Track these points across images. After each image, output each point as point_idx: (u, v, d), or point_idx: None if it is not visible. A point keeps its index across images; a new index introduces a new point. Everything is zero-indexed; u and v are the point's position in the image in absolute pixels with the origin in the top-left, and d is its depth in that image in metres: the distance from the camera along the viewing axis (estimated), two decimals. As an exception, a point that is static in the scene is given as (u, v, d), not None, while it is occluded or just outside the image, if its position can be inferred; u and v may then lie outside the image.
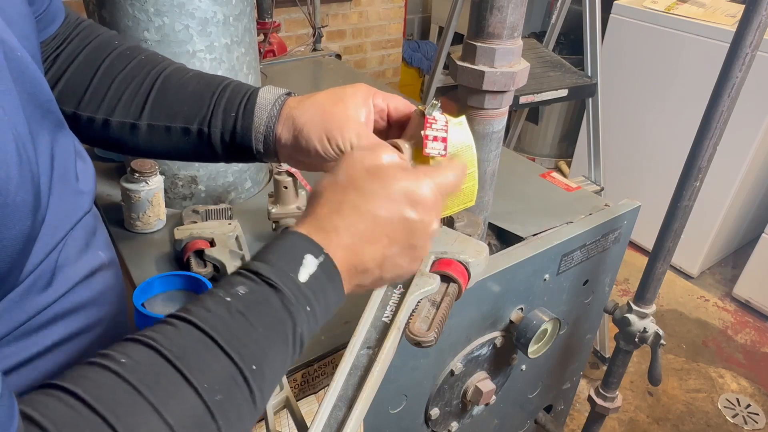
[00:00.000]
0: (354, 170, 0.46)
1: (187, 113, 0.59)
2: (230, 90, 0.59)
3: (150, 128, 0.59)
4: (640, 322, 1.08)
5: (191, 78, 0.61)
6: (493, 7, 0.70)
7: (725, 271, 2.78)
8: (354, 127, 0.55)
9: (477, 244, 0.67)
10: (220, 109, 0.58)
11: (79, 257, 0.50)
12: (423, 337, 0.58)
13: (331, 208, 0.45)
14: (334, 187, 0.46)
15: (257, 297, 0.41)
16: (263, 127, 0.57)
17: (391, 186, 0.45)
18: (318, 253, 0.43)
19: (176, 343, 0.38)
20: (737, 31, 0.79)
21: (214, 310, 0.39)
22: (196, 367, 0.37)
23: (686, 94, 2.47)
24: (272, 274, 0.41)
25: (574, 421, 1.97)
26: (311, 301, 0.43)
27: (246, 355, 0.39)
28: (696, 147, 0.89)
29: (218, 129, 0.58)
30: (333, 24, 3.44)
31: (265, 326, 0.40)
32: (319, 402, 0.69)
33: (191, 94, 0.59)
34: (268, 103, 0.58)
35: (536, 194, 1.13)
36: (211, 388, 0.37)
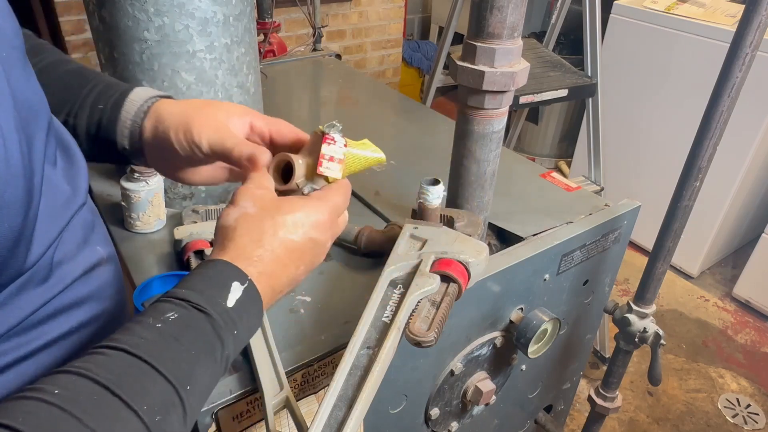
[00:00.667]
0: (261, 201, 0.51)
1: (55, 105, 0.56)
2: (104, 84, 0.58)
3: None
4: (640, 322, 1.08)
5: (69, 72, 0.60)
6: (493, 7, 0.70)
7: (725, 271, 2.78)
8: (214, 125, 0.55)
9: (477, 244, 0.67)
10: (89, 100, 0.57)
11: (77, 253, 0.50)
12: (423, 337, 0.58)
13: (250, 237, 0.48)
14: (248, 218, 0.49)
15: (188, 322, 0.43)
16: (130, 122, 0.56)
17: (296, 214, 0.51)
18: (243, 280, 0.46)
19: (110, 369, 0.38)
20: (737, 31, 0.79)
21: (146, 336, 0.41)
22: (134, 391, 0.38)
23: (686, 94, 2.47)
24: (202, 300, 0.44)
25: (574, 421, 1.98)
26: (237, 325, 0.45)
27: (181, 376, 0.40)
28: (696, 147, 0.89)
29: (84, 121, 0.57)
30: (333, 24, 3.44)
31: (197, 349, 0.42)
32: (319, 402, 0.69)
33: (64, 86, 0.58)
34: (140, 99, 0.57)
35: (536, 194, 1.13)
36: (150, 410, 0.37)
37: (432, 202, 0.76)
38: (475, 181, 0.85)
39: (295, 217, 0.51)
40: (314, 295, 0.84)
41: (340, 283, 0.87)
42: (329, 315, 0.81)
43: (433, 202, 0.76)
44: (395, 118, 1.51)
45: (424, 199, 0.76)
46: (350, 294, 0.85)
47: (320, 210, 0.52)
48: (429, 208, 0.76)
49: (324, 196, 0.54)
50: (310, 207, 0.52)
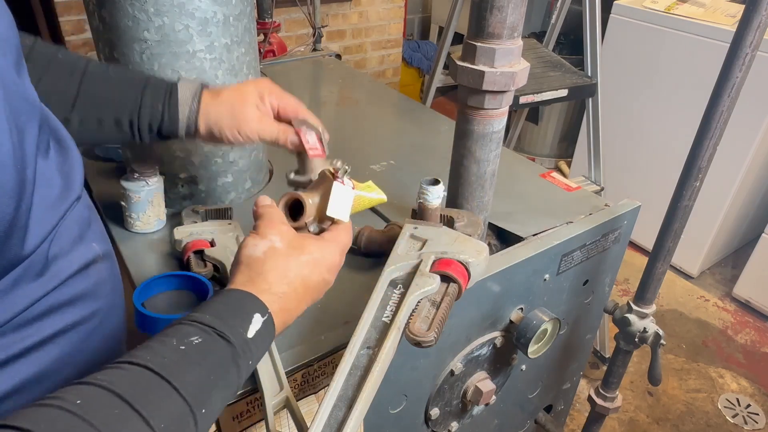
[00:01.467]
0: (287, 238, 0.56)
1: (115, 106, 0.68)
2: (152, 85, 0.70)
3: (82, 121, 0.67)
4: (640, 322, 1.08)
5: (112, 73, 0.70)
6: (493, 7, 0.70)
7: (725, 271, 2.78)
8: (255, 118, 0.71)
9: (477, 244, 0.67)
10: (147, 103, 0.69)
11: (72, 249, 0.50)
12: (423, 337, 0.58)
13: (278, 274, 0.53)
14: (276, 253, 0.54)
15: (211, 348, 0.45)
16: (185, 121, 0.70)
17: (316, 255, 0.56)
18: (264, 313, 0.50)
19: (132, 385, 0.39)
20: (737, 31, 0.79)
21: (170, 357, 0.42)
22: (153, 408, 0.39)
23: (686, 94, 2.47)
24: (225, 328, 0.46)
25: (574, 421, 1.98)
26: (253, 354, 0.48)
27: (198, 398, 0.42)
28: (696, 147, 0.89)
29: (146, 121, 0.69)
30: (333, 24, 3.44)
31: (216, 374, 0.44)
32: (319, 402, 0.69)
33: (117, 88, 0.69)
34: (188, 99, 0.70)
35: (536, 194, 1.13)
36: (167, 428, 0.39)
37: (432, 202, 0.76)
38: (475, 181, 0.85)
39: (315, 257, 0.56)
40: (314, 295, 0.84)
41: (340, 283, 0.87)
42: (329, 315, 0.81)
43: (433, 202, 0.76)
44: (395, 118, 1.51)
45: (424, 199, 0.76)
46: (350, 294, 0.85)
47: (335, 253, 0.58)
48: (429, 208, 0.76)
49: (337, 238, 0.59)
50: (328, 250, 0.57)
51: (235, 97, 0.70)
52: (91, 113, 0.67)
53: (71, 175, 0.52)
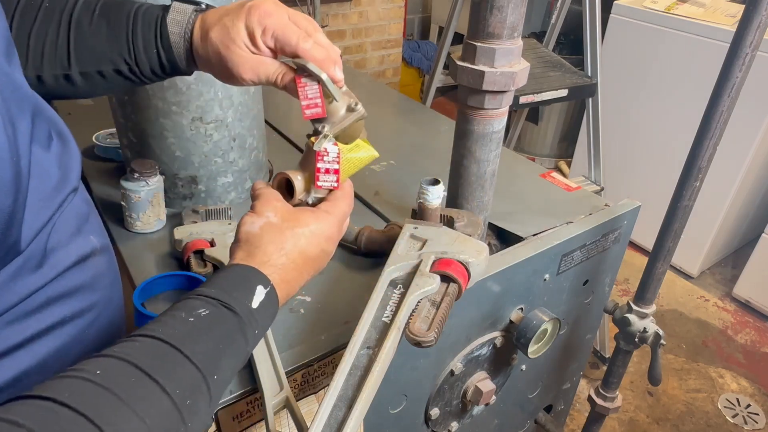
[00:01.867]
0: (282, 213, 0.57)
1: (111, 55, 0.63)
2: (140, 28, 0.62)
3: (84, 76, 0.63)
4: (640, 322, 1.08)
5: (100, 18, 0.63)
6: (493, 7, 0.70)
7: (725, 271, 2.78)
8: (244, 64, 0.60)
9: (477, 244, 0.67)
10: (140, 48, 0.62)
11: (70, 241, 0.51)
12: (423, 337, 0.58)
13: (276, 246, 0.54)
14: (273, 227, 0.55)
15: (218, 318, 0.47)
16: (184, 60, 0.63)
17: (313, 227, 0.57)
18: (266, 285, 0.51)
19: (147, 355, 0.42)
20: (737, 31, 0.79)
21: (180, 328, 0.45)
22: (169, 376, 0.41)
23: (686, 94, 2.47)
24: (231, 300, 0.48)
25: (574, 421, 1.98)
26: (259, 324, 0.50)
27: (209, 366, 0.44)
28: (696, 147, 0.89)
29: (146, 65, 0.63)
30: (333, 24, 3.44)
31: (224, 343, 0.46)
32: (319, 402, 0.69)
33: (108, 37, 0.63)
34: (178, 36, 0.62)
35: (536, 194, 1.13)
36: (182, 394, 0.41)
37: (432, 202, 0.76)
38: (475, 181, 0.85)
39: (312, 229, 0.56)
40: (314, 295, 0.84)
41: (340, 283, 0.87)
42: (329, 315, 0.81)
43: (433, 202, 0.76)
44: (395, 118, 1.51)
45: (424, 199, 0.76)
46: (350, 294, 0.85)
47: (332, 223, 0.58)
48: (429, 208, 0.76)
49: (333, 208, 0.60)
50: (324, 221, 0.58)
51: (222, 39, 0.59)
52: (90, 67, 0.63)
53: (69, 167, 0.52)
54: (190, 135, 0.94)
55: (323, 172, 0.61)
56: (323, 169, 0.61)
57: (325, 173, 0.62)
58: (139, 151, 0.97)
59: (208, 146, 0.97)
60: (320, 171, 0.61)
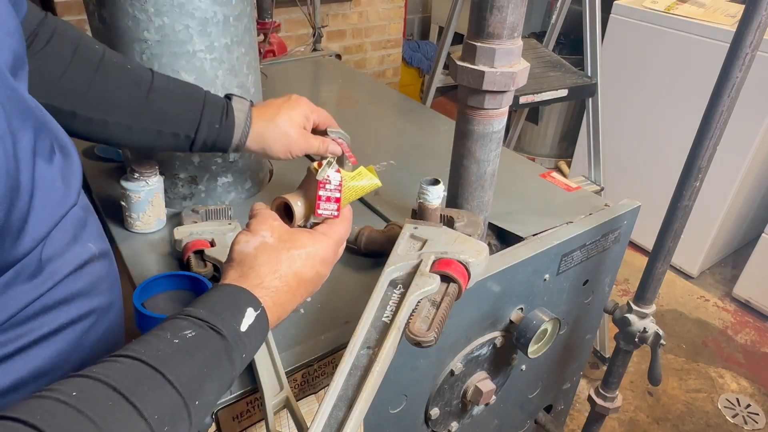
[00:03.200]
0: (278, 233, 0.57)
1: (176, 121, 0.75)
2: (210, 105, 0.77)
3: (143, 131, 0.74)
4: (640, 322, 1.08)
5: (175, 89, 0.77)
6: (493, 7, 0.70)
7: (725, 271, 2.78)
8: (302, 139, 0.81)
9: (477, 244, 0.67)
10: (205, 121, 0.76)
11: (66, 250, 0.51)
12: (423, 337, 0.58)
13: (270, 268, 0.54)
14: (268, 248, 0.56)
15: (204, 341, 0.46)
16: (238, 140, 0.79)
17: (309, 249, 0.57)
18: (257, 307, 0.51)
19: (126, 377, 0.40)
20: (737, 31, 0.79)
21: (163, 350, 0.43)
22: (147, 400, 0.39)
23: (686, 94, 2.47)
24: (218, 322, 0.47)
25: (574, 421, 1.98)
26: (246, 348, 0.49)
27: (191, 391, 0.43)
28: (696, 147, 0.89)
29: (203, 137, 0.77)
30: (333, 24, 3.44)
31: (209, 367, 0.45)
32: (319, 402, 0.69)
33: (179, 104, 0.76)
34: (242, 122, 0.79)
35: (536, 194, 1.13)
36: (161, 420, 0.39)
37: (432, 202, 0.76)
38: (475, 181, 0.85)
39: (308, 252, 0.57)
40: (314, 295, 0.84)
41: (340, 283, 0.87)
42: (329, 315, 0.81)
43: (433, 202, 0.76)
44: (395, 118, 1.51)
45: (424, 199, 0.76)
46: (350, 294, 0.85)
47: (328, 246, 0.59)
48: (429, 208, 0.76)
49: (330, 231, 0.61)
50: (320, 243, 0.59)
51: (287, 122, 0.80)
52: (153, 124, 0.74)
53: (71, 181, 0.52)
54: (190, 135, 0.94)
55: (324, 200, 0.62)
56: (324, 197, 0.62)
57: (326, 201, 0.63)
58: (139, 151, 0.97)
59: (208, 146, 0.97)
60: (321, 199, 0.63)
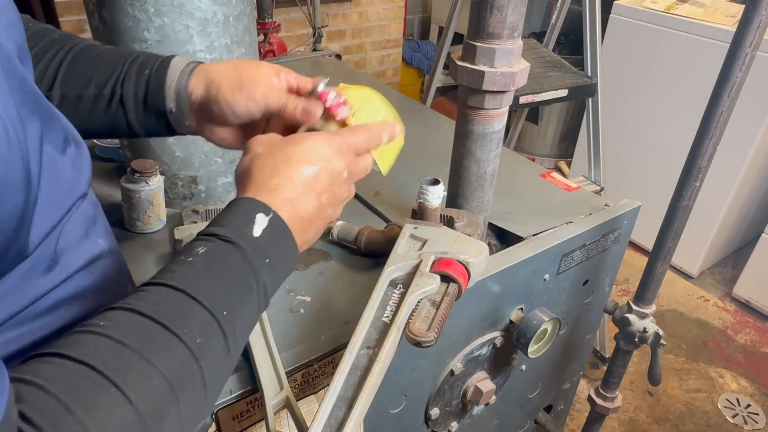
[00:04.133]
0: (270, 142, 0.53)
1: (99, 79, 0.60)
2: (143, 56, 0.61)
3: (63, 100, 0.60)
4: (640, 322, 1.08)
5: (104, 50, 0.63)
6: (493, 7, 0.70)
7: (725, 271, 2.78)
8: (265, 82, 0.59)
9: (477, 244, 0.67)
10: (133, 71, 0.60)
11: (79, 244, 0.51)
12: (423, 337, 0.58)
13: (265, 171, 0.50)
14: (259, 157, 0.52)
15: (217, 253, 0.45)
16: (176, 83, 0.59)
17: (307, 143, 0.52)
18: (267, 211, 0.48)
19: (150, 301, 0.42)
20: (737, 31, 0.79)
21: (178, 270, 0.44)
22: (173, 317, 0.41)
23: (686, 94, 2.47)
24: (228, 233, 0.46)
25: (574, 421, 1.97)
26: (268, 253, 0.47)
27: (216, 302, 0.43)
28: (696, 147, 0.89)
29: (131, 88, 0.59)
30: (333, 24, 3.44)
31: (229, 276, 0.45)
32: (319, 402, 0.69)
33: (104, 61, 0.61)
34: (182, 64, 0.61)
35: (536, 194, 1.13)
36: (191, 332, 0.41)
37: (432, 202, 0.76)
38: (475, 181, 0.85)
39: (306, 145, 0.52)
40: (314, 295, 0.84)
41: (340, 283, 0.87)
42: (329, 315, 0.81)
43: (433, 202, 0.76)
44: (395, 118, 1.51)
45: (424, 199, 0.76)
46: (350, 294, 0.85)
47: (331, 141, 0.53)
48: (429, 208, 0.76)
49: (336, 132, 0.56)
50: (320, 137, 0.53)
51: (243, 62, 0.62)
52: (71, 89, 0.60)
53: (81, 172, 0.52)
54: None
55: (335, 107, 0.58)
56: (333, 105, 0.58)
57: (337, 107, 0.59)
58: (140, 151, 0.97)
59: (208, 146, 0.97)
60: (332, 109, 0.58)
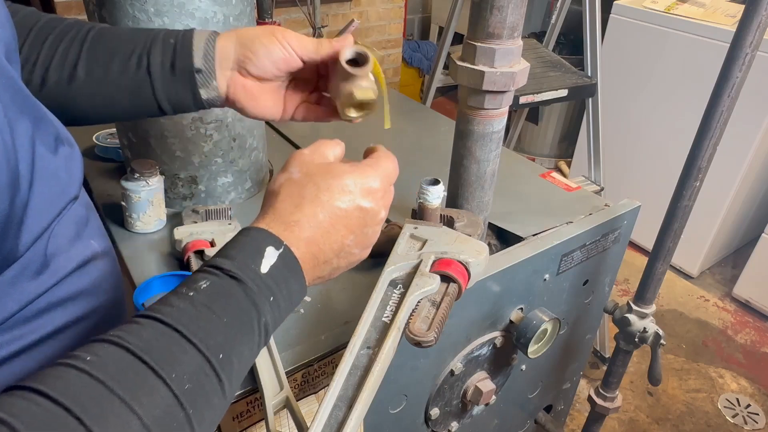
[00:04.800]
0: (308, 167, 0.50)
1: (124, 53, 0.59)
2: (165, 30, 0.61)
3: (87, 79, 0.59)
4: (640, 322, 1.08)
5: (125, 29, 0.63)
6: (493, 7, 0.70)
7: (725, 271, 2.78)
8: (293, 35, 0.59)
9: (477, 244, 0.67)
10: (159, 40, 0.59)
11: (70, 246, 0.50)
12: (423, 337, 0.58)
13: (291, 202, 0.48)
14: (291, 183, 0.49)
15: (220, 289, 0.42)
16: (203, 42, 0.58)
17: (345, 179, 0.49)
18: (279, 245, 0.45)
19: (142, 338, 0.38)
20: (737, 31, 0.79)
21: (177, 305, 0.41)
22: (163, 359, 0.38)
23: (686, 95, 2.47)
24: (233, 266, 0.43)
25: (574, 421, 1.98)
26: (274, 291, 0.44)
27: (212, 345, 0.40)
28: (696, 147, 0.89)
29: (158, 57, 0.58)
30: (333, 24, 3.44)
31: (230, 316, 0.42)
32: (319, 402, 0.69)
33: (126, 38, 0.60)
34: (207, 31, 0.60)
35: (536, 194, 1.13)
36: (179, 378, 0.37)
37: (432, 202, 0.76)
38: (475, 181, 0.85)
39: (343, 183, 0.49)
40: (314, 295, 0.84)
41: (340, 283, 0.87)
42: (329, 315, 0.81)
43: (433, 202, 0.76)
44: (395, 118, 1.51)
45: (424, 199, 0.76)
46: (350, 294, 0.85)
47: (372, 177, 0.51)
48: (429, 208, 0.76)
49: (375, 162, 0.53)
50: (360, 173, 0.50)
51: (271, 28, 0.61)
52: (96, 68, 0.59)
53: (73, 174, 0.52)
54: (190, 135, 0.94)
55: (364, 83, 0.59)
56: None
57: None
58: (139, 151, 0.97)
59: (208, 146, 0.97)
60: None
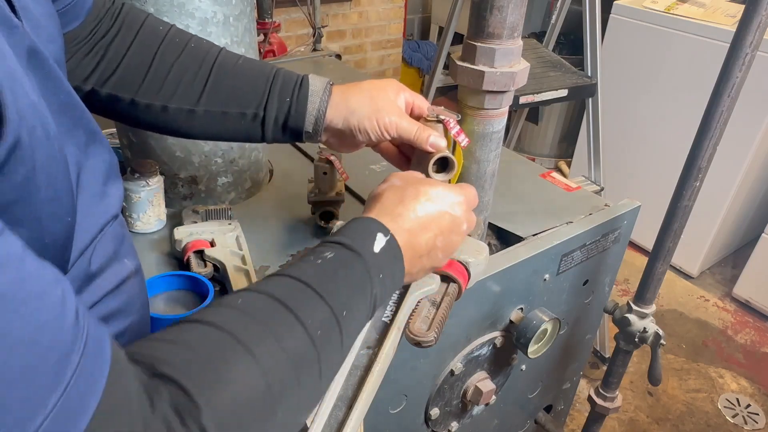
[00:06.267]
0: (407, 178, 0.60)
1: (243, 99, 0.67)
2: (282, 77, 0.68)
3: (207, 114, 0.67)
4: (640, 322, 1.08)
5: (243, 65, 0.68)
6: (493, 7, 0.70)
7: (725, 271, 2.78)
8: (395, 111, 0.67)
9: (477, 244, 0.67)
10: (275, 95, 0.67)
11: (108, 266, 0.51)
12: (423, 337, 0.58)
13: (394, 199, 0.57)
14: (393, 188, 0.58)
15: (343, 259, 0.50)
16: (315, 111, 0.67)
17: (438, 188, 0.59)
18: (386, 233, 0.53)
19: (282, 289, 0.46)
20: (737, 31, 0.79)
21: (306, 269, 0.48)
22: (301, 308, 0.45)
23: (686, 94, 2.47)
24: (354, 244, 0.51)
25: (574, 421, 1.98)
26: (383, 269, 0.52)
27: (338, 302, 0.47)
28: (696, 147, 0.89)
29: (273, 113, 0.67)
30: (333, 24, 3.44)
31: (351, 282, 0.49)
32: (319, 402, 0.69)
33: (247, 81, 0.67)
34: (319, 90, 0.67)
35: (536, 194, 1.13)
36: (314, 324, 0.44)
37: (432, 202, 0.76)
38: (475, 181, 0.85)
39: (437, 191, 0.58)
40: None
41: (340, 283, 0.87)
42: (329, 315, 0.80)
43: (433, 202, 0.76)
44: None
45: (424, 199, 0.76)
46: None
47: (459, 193, 0.60)
48: (429, 208, 0.76)
49: (462, 185, 0.63)
50: (450, 188, 0.60)
51: (374, 87, 0.69)
52: (216, 106, 0.66)
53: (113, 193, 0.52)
54: (190, 135, 0.94)
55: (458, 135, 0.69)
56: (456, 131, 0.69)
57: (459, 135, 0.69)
58: (139, 151, 0.97)
59: (208, 146, 0.97)
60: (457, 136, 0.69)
